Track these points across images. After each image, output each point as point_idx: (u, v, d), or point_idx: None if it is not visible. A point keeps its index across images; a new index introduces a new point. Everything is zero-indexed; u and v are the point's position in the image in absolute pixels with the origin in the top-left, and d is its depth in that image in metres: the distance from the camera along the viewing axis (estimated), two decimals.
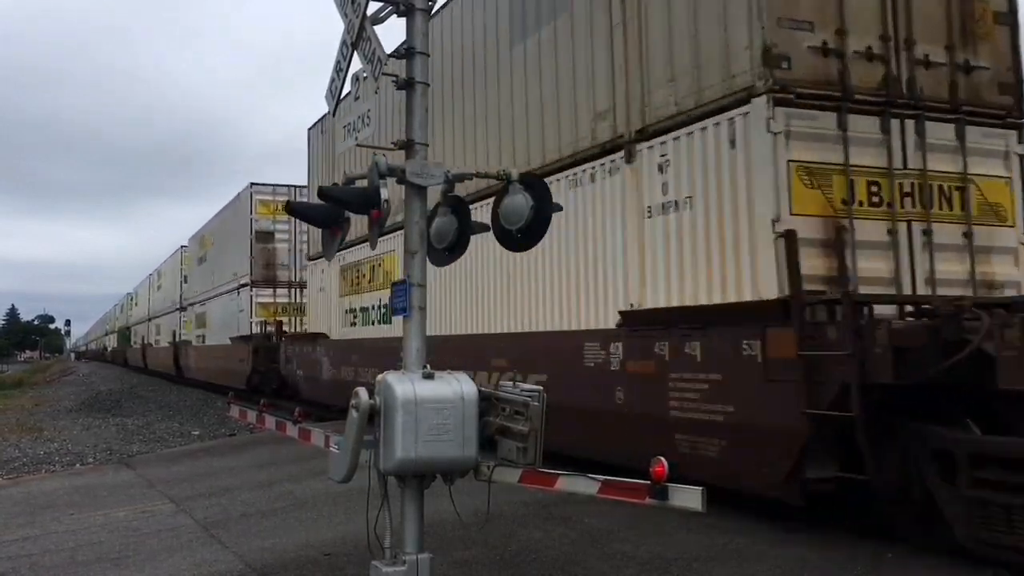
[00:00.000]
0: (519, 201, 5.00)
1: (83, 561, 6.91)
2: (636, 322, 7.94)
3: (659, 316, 7.67)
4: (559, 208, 5.41)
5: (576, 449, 7.90)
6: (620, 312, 8.19)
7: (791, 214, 6.57)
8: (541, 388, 4.52)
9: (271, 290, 24.57)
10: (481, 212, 7.54)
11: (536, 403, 4.42)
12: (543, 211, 5.00)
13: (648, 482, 3.96)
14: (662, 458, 3.93)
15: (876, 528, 6.16)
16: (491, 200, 5.38)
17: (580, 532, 6.73)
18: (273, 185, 24.83)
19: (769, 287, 6.55)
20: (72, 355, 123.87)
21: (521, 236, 5.05)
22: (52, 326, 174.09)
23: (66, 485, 11.16)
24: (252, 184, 24.77)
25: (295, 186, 23.77)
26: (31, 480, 12.19)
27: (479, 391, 4.57)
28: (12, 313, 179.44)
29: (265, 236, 24.54)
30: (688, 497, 3.88)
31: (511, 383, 4.77)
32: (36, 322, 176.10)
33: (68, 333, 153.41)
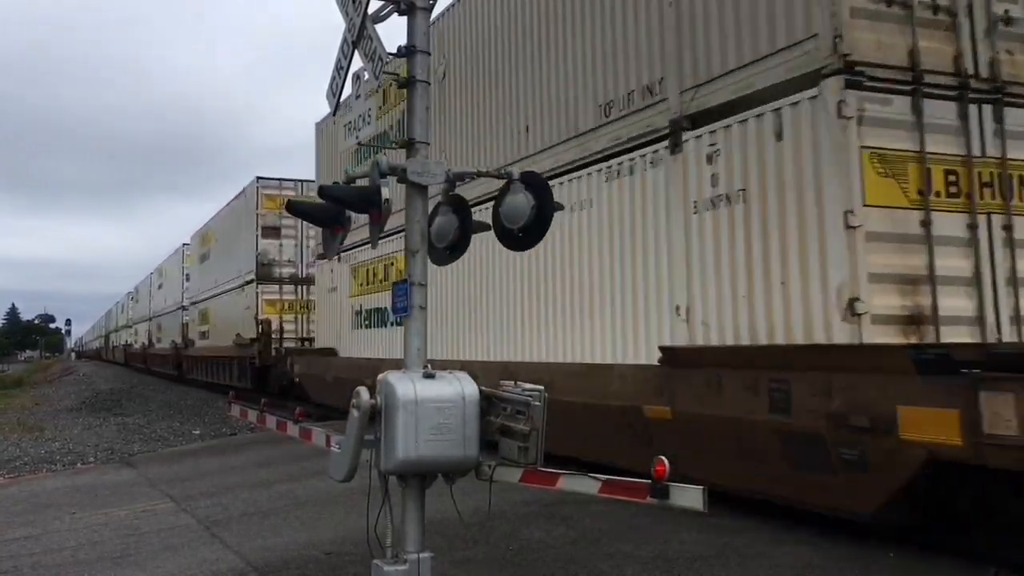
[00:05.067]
0: (520, 200, 5.00)
1: (84, 560, 6.91)
2: None
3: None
4: (560, 207, 5.41)
5: None
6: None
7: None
8: (542, 388, 4.51)
9: (277, 286, 24.12)
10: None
11: (537, 403, 4.41)
12: (544, 210, 5.00)
13: (649, 481, 3.94)
14: (663, 457, 3.92)
15: (876, 528, 6.15)
16: None
17: (581, 531, 6.72)
18: (280, 180, 24.37)
19: None
20: (73, 355, 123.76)
21: (522, 235, 5.05)
22: (52, 325, 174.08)
23: (67, 484, 11.17)
24: (258, 178, 24.44)
25: (303, 180, 23.37)
26: (32, 479, 12.21)
27: (480, 391, 4.57)
28: (12, 312, 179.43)
29: (271, 231, 24.06)
30: (689, 496, 3.85)
31: (512, 383, 4.76)
32: (36, 321, 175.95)
33: (68, 332, 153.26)
